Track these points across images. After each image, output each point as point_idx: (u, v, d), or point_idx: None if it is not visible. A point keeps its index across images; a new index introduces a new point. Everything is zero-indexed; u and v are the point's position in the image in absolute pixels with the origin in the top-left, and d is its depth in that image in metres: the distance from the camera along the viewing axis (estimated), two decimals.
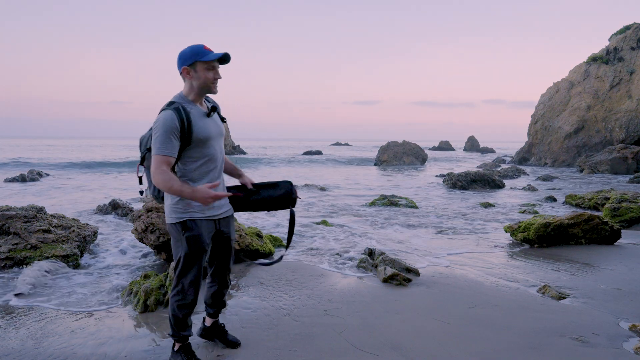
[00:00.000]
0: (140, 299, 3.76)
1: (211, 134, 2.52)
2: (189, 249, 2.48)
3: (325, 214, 9.35)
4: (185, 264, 2.52)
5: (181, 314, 2.59)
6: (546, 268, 4.89)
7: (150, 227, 4.97)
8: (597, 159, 22.04)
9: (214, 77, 2.48)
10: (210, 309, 2.88)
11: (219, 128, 2.61)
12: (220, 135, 2.61)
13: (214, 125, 2.56)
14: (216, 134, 2.56)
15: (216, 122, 2.60)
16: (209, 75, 2.46)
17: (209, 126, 2.52)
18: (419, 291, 4.08)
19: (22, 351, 2.94)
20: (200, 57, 2.43)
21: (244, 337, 3.02)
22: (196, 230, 2.48)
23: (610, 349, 2.94)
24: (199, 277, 2.57)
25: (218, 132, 2.58)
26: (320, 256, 5.52)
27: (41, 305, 3.85)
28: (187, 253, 2.49)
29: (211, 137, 2.52)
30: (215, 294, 2.82)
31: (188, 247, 2.48)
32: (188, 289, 2.54)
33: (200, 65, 2.46)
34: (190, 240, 2.47)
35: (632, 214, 7.72)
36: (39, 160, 27.77)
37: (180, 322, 2.62)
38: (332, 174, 19.07)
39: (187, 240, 2.47)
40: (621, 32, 29.06)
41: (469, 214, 9.44)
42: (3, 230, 5.02)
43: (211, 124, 2.54)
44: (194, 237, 2.47)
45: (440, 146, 66.50)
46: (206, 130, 2.49)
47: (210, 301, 2.85)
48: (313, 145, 66.11)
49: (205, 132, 2.48)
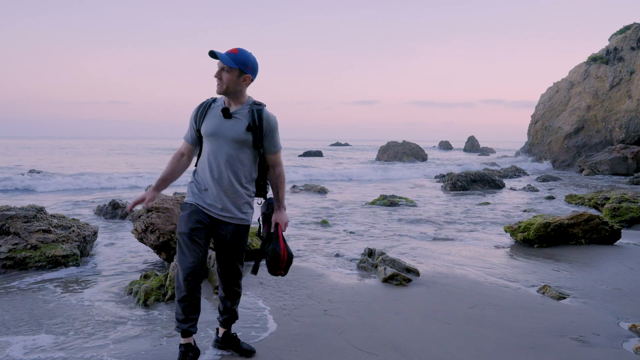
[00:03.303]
0: (140, 299, 3.76)
1: (215, 132, 2.56)
2: (178, 228, 2.63)
3: (325, 214, 9.35)
4: (178, 243, 2.63)
5: (177, 297, 2.61)
6: (546, 268, 4.89)
7: (150, 227, 4.97)
8: (597, 159, 22.03)
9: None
10: (221, 316, 2.86)
11: (230, 132, 2.55)
12: (231, 139, 2.56)
13: (226, 127, 2.56)
14: (222, 135, 2.55)
15: (231, 126, 2.56)
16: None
17: (217, 126, 2.56)
18: (419, 291, 4.08)
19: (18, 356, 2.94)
20: None
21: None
22: (184, 211, 2.62)
23: (610, 349, 2.94)
24: (188, 261, 2.53)
25: (226, 135, 2.55)
26: (320, 256, 5.52)
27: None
28: (178, 232, 2.63)
29: (214, 135, 2.56)
30: (223, 300, 2.81)
31: (178, 225, 2.64)
32: (178, 267, 2.60)
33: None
34: (179, 220, 2.64)
35: (632, 214, 7.72)
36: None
37: (178, 308, 2.61)
38: (332, 174, 19.06)
39: (179, 219, 2.65)
40: (621, 32, 29.05)
41: (468, 214, 9.44)
42: (3, 230, 5.02)
43: (222, 125, 2.56)
44: (181, 218, 2.63)
45: (440, 146, 66.49)
46: (209, 128, 2.57)
47: (221, 307, 2.84)
48: (313, 145, 66.11)
49: (208, 128, 2.58)
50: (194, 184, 2.67)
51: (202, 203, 2.61)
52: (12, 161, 25.84)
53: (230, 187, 2.60)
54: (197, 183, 2.66)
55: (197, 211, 2.60)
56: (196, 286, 2.58)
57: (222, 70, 2.54)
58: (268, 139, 2.64)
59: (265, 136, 2.63)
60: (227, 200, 2.61)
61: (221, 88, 2.56)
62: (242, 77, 2.55)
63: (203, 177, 2.63)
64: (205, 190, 2.61)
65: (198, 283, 2.59)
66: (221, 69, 2.55)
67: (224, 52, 2.54)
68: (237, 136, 2.56)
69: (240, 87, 2.57)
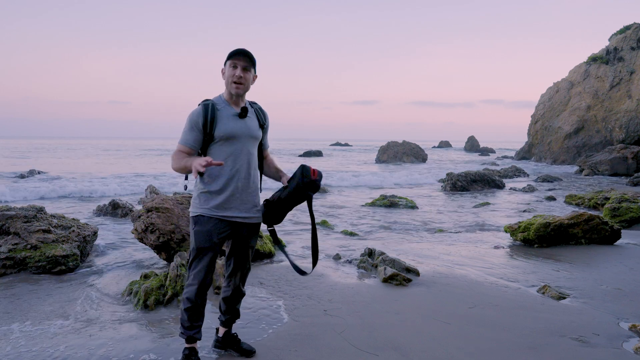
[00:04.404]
0: (140, 299, 3.76)
1: (235, 133, 2.56)
2: (195, 243, 2.58)
3: (326, 215, 9.35)
4: (193, 257, 2.60)
5: (184, 306, 2.62)
6: (546, 268, 4.89)
7: (150, 227, 4.97)
8: (597, 159, 22.03)
9: (232, 74, 2.54)
10: (222, 316, 2.86)
11: (250, 131, 2.61)
12: (250, 137, 2.62)
13: (244, 126, 2.59)
14: (243, 135, 2.58)
15: (248, 125, 2.61)
16: (230, 73, 2.55)
17: (236, 126, 2.56)
18: (419, 291, 4.08)
19: (19, 356, 2.94)
20: (227, 57, 2.57)
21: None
22: (204, 226, 2.55)
23: (610, 349, 2.94)
24: (205, 273, 2.58)
25: (247, 134, 2.60)
26: (320, 256, 5.52)
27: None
28: (194, 247, 2.59)
29: (235, 136, 2.56)
30: (227, 300, 2.80)
31: (195, 241, 2.58)
32: (192, 281, 2.59)
33: (226, 64, 2.59)
34: (198, 234, 2.57)
35: (632, 214, 7.72)
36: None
37: (183, 316, 2.65)
38: (332, 174, 19.07)
39: (195, 234, 2.58)
40: (621, 32, 29.06)
41: (469, 214, 9.44)
42: (3, 230, 5.02)
43: (239, 125, 2.58)
44: (201, 233, 2.56)
45: (440, 146, 66.49)
46: (229, 129, 2.55)
47: (224, 307, 2.83)
48: (313, 145, 66.12)
49: (228, 130, 2.54)
50: (206, 195, 2.56)
51: (225, 213, 2.56)
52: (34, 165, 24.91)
53: (253, 184, 2.67)
54: (211, 192, 2.56)
55: (218, 224, 2.56)
56: (206, 297, 2.66)
57: (245, 70, 2.56)
58: (266, 135, 2.81)
59: (265, 132, 2.78)
60: (251, 201, 2.64)
61: (244, 88, 2.58)
62: (253, 76, 2.64)
63: (222, 183, 2.54)
64: (228, 198, 2.55)
65: (207, 294, 2.67)
66: (243, 68, 2.55)
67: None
68: (255, 134, 2.65)
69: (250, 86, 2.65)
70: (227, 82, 2.58)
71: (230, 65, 2.55)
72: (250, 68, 2.57)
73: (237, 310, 2.85)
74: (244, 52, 2.53)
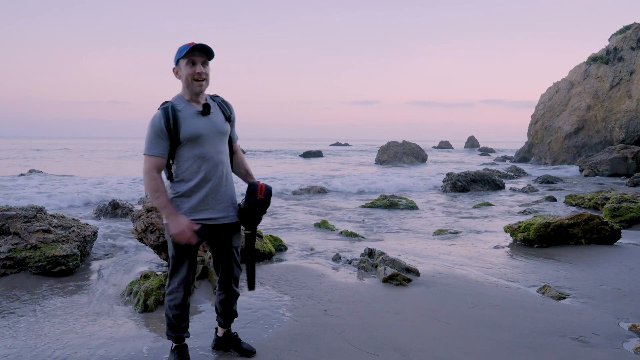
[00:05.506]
0: (140, 299, 3.76)
1: (201, 132, 2.46)
2: (174, 250, 2.53)
3: (326, 215, 9.35)
4: (173, 263, 2.56)
5: (172, 313, 2.60)
6: (546, 268, 4.89)
7: (150, 227, 4.97)
8: (597, 159, 22.01)
9: (192, 72, 2.42)
10: (220, 318, 2.85)
11: (216, 127, 2.52)
12: (218, 134, 2.53)
13: (209, 124, 2.49)
14: (209, 133, 2.49)
15: (213, 121, 2.51)
16: (189, 71, 2.43)
17: (201, 125, 2.46)
18: (419, 291, 4.08)
19: (19, 356, 2.94)
20: (179, 54, 2.43)
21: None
22: None
23: (610, 349, 2.94)
24: (188, 277, 2.57)
25: (213, 131, 2.50)
26: (320, 256, 5.52)
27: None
28: (173, 254, 2.54)
29: (202, 135, 2.46)
30: (222, 303, 2.78)
31: (173, 247, 2.52)
32: (177, 288, 2.56)
33: (181, 62, 2.46)
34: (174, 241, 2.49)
35: (632, 214, 7.71)
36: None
37: (171, 321, 2.62)
38: (332, 174, 19.06)
39: (172, 241, 2.50)
40: (621, 32, 29.04)
41: (469, 214, 9.44)
42: (3, 230, 5.02)
43: (204, 123, 2.47)
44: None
45: (440, 146, 66.51)
46: (194, 129, 2.44)
47: (219, 310, 2.82)
48: (313, 145, 66.14)
49: (193, 131, 2.43)
50: (179, 199, 2.50)
51: (199, 216, 2.50)
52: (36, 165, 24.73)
53: (227, 182, 2.59)
54: (184, 197, 2.50)
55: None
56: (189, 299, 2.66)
57: (205, 65, 2.47)
58: (234, 127, 2.72)
59: (233, 124, 2.69)
60: (227, 199, 2.58)
61: (206, 85, 2.49)
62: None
63: (194, 186, 2.48)
64: (202, 199, 2.49)
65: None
66: (202, 63, 2.45)
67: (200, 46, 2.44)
68: (222, 129, 2.56)
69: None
70: (186, 81, 2.45)
71: (187, 63, 2.42)
72: (208, 61, 2.48)
73: (233, 310, 2.84)
74: (201, 47, 2.40)
